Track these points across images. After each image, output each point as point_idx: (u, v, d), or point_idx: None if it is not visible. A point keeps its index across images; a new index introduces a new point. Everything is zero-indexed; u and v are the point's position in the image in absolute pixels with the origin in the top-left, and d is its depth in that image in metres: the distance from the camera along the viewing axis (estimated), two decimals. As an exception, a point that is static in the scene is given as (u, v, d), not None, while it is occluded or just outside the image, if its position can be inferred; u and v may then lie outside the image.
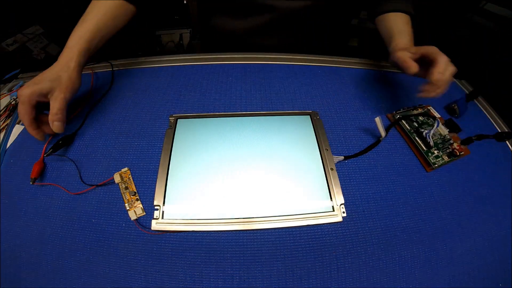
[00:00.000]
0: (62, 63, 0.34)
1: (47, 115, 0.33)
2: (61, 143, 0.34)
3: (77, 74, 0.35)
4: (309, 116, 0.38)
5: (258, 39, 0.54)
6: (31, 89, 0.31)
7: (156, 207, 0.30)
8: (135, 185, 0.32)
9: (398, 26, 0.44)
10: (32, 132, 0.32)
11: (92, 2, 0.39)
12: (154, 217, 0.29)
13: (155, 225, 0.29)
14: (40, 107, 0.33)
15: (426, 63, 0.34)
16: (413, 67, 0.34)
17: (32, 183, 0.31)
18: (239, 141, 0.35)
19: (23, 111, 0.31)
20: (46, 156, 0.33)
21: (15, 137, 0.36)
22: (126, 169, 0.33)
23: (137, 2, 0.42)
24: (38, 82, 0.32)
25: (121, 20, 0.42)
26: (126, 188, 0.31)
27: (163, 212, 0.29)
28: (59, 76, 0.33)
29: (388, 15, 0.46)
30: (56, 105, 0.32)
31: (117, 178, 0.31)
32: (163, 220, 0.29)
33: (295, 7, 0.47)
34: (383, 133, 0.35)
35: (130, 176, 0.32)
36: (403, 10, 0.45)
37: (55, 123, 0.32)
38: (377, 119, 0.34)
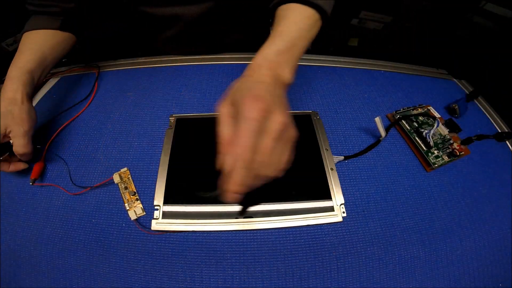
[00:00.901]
0: (7, 98, 0.31)
1: (8, 155, 0.31)
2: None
3: (28, 105, 0.32)
4: (309, 116, 0.38)
5: (188, 45, 0.50)
6: None
7: (156, 207, 0.30)
8: (134, 185, 0.32)
9: (280, 25, 0.30)
10: (6, 170, 0.31)
11: (25, 34, 0.37)
12: (154, 217, 0.29)
13: (155, 225, 0.29)
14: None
15: None
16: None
17: (32, 184, 0.31)
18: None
19: None
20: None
21: (15, 137, 0.36)
22: (125, 169, 0.33)
23: (73, 29, 0.40)
24: None
25: (61, 49, 0.39)
26: (126, 188, 0.31)
27: (163, 212, 0.29)
28: (9, 111, 0.30)
29: (281, 8, 0.32)
30: (20, 142, 0.30)
31: (116, 178, 0.31)
32: (163, 220, 0.29)
33: (200, 11, 0.42)
34: (383, 133, 0.35)
35: (129, 176, 0.32)
36: (306, 1, 0.30)
37: (20, 164, 0.31)
38: (377, 119, 0.34)
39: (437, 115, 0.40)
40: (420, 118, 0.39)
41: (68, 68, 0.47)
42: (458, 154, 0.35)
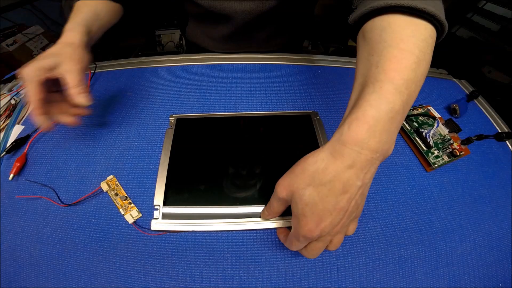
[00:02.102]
0: (63, 42, 0.31)
1: (60, 93, 0.30)
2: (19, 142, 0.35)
3: (82, 50, 0.31)
4: (309, 116, 0.38)
5: (234, 45, 0.51)
6: (35, 64, 0.27)
7: (156, 207, 0.30)
8: (124, 190, 0.31)
9: (382, 55, 0.19)
10: (38, 117, 0.28)
11: (78, 3, 0.37)
12: (154, 217, 0.29)
13: (154, 225, 0.29)
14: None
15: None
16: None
17: (10, 179, 0.32)
18: (239, 141, 0.35)
19: (31, 89, 0.27)
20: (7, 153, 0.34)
21: (15, 137, 0.36)
22: (111, 176, 0.32)
23: (123, 1, 0.41)
24: (42, 58, 0.28)
25: (111, 16, 0.40)
26: (116, 194, 0.31)
27: (162, 212, 0.29)
28: (64, 51, 0.29)
29: (376, 25, 0.21)
30: (73, 76, 0.28)
31: (104, 186, 0.31)
32: (162, 220, 0.29)
33: (259, 10, 0.43)
34: None
35: (117, 182, 0.32)
36: (423, 10, 0.19)
37: (80, 95, 0.28)
38: None
39: (437, 115, 0.40)
40: (420, 118, 0.39)
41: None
42: (458, 154, 0.35)
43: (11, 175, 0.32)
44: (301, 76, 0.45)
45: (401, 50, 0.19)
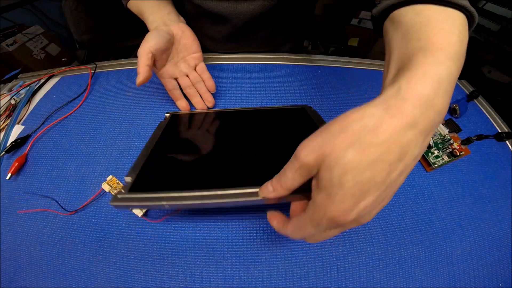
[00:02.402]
0: (158, 21, 0.37)
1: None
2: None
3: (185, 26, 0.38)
4: (303, 109, 0.37)
5: (233, 45, 0.51)
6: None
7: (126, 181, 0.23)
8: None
9: (425, 36, 0.18)
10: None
11: None
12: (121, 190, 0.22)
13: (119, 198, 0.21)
14: None
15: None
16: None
17: (8, 179, 0.32)
18: (231, 132, 0.34)
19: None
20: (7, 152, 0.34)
21: (15, 137, 0.36)
22: (110, 177, 0.32)
23: None
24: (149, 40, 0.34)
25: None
26: None
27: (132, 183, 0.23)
28: (168, 29, 0.36)
29: (409, 14, 0.20)
30: (140, 60, 0.33)
31: (106, 187, 0.31)
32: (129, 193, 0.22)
33: (256, 11, 0.43)
34: None
35: (117, 181, 0.32)
36: (456, 2, 0.19)
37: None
38: None
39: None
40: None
41: (66, 68, 0.47)
42: (458, 154, 0.35)
43: (9, 174, 0.32)
44: (301, 76, 0.45)
45: (441, 29, 0.18)
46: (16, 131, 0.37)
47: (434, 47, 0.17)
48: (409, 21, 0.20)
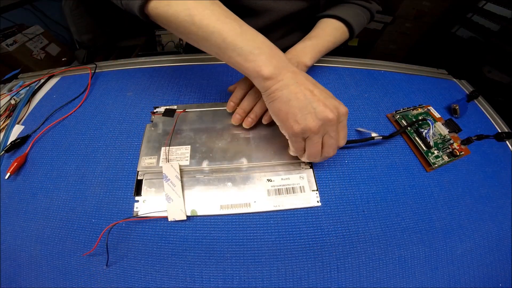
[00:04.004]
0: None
1: None
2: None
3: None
4: None
5: None
6: None
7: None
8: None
9: (314, 31, 0.42)
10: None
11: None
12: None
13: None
14: None
15: None
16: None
17: (7, 178, 0.32)
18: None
19: None
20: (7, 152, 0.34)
21: (15, 137, 0.36)
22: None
23: None
24: None
25: None
26: None
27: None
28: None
29: (321, 20, 0.44)
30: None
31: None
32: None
33: (292, 9, 0.45)
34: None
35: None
36: (338, 16, 0.42)
37: None
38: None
39: (437, 115, 0.40)
40: (420, 118, 0.39)
41: (66, 68, 0.47)
42: (458, 154, 0.35)
43: (8, 174, 0.32)
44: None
45: (322, 28, 0.43)
46: (16, 131, 0.37)
47: (312, 36, 0.41)
48: (318, 25, 0.44)
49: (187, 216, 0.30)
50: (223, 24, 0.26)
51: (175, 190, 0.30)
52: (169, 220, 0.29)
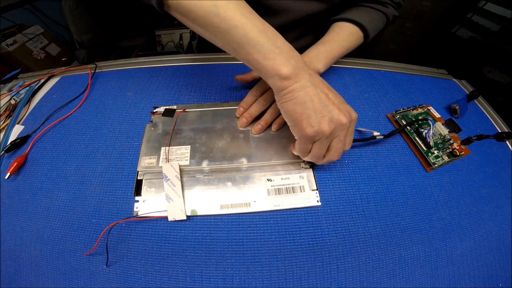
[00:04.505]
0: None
1: None
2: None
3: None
4: None
5: None
6: None
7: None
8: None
9: (329, 35, 0.41)
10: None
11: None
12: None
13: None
14: None
15: None
16: (242, 78, 0.37)
17: (7, 178, 0.32)
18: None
19: None
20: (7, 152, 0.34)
21: (15, 137, 0.36)
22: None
23: None
24: None
25: None
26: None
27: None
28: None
29: (336, 24, 0.43)
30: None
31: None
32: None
33: (310, 10, 0.45)
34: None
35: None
36: (353, 20, 0.42)
37: None
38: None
39: (437, 115, 0.40)
40: (420, 118, 0.39)
41: (66, 68, 0.47)
42: (458, 154, 0.35)
43: (8, 174, 0.32)
44: (301, 76, 0.45)
45: (337, 32, 0.42)
46: (16, 131, 0.37)
47: (326, 40, 0.41)
48: (332, 28, 0.43)
49: (187, 216, 0.30)
50: (247, 19, 0.25)
51: (175, 190, 0.30)
52: (169, 220, 0.29)
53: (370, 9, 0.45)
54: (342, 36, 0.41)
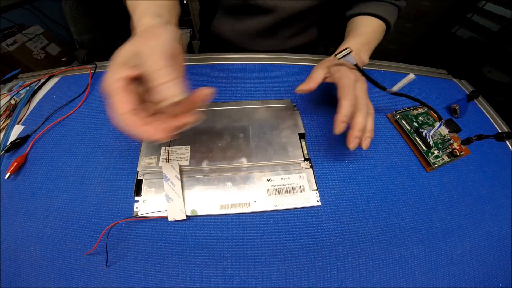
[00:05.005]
0: (136, 34, 0.24)
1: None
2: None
3: (170, 28, 0.24)
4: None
5: (259, 41, 0.53)
6: (113, 65, 0.22)
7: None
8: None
9: (359, 28, 0.41)
10: (143, 130, 0.20)
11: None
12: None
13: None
14: None
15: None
16: (308, 88, 0.33)
17: (7, 178, 0.32)
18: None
19: (117, 101, 0.20)
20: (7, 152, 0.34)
21: (15, 137, 0.36)
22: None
23: None
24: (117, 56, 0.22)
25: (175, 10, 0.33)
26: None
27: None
28: (141, 35, 0.23)
29: (356, 18, 0.44)
30: (154, 61, 0.20)
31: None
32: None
33: (299, 8, 0.45)
34: (397, 87, 0.35)
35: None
36: (375, 14, 0.42)
37: (166, 86, 0.19)
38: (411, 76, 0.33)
39: (439, 115, 0.40)
40: (420, 118, 0.39)
41: (66, 68, 0.47)
42: (458, 154, 0.35)
43: (8, 174, 0.32)
44: (302, 76, 0.45)
45: (366, 26, 0.42)
46: (16, 131, 0.37)
47: (359, 33, 0.40)
48: (357, 22, 0.43)
49: (187, 216, 0.30)
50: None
51: (175, 190, 0.30)
52: (169, 220, 0.29)
53: (384, 2, 0.45)
54: (372, 29, 0.42)
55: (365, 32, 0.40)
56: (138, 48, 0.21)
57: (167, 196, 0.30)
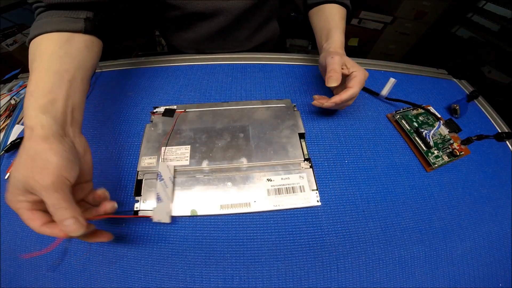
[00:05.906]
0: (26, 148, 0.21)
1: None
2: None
3: (57, 145, 0.21)
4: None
5: (218, 45, 0.50)
6: (10, 187, 0.21)
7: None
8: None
9: (334, 21, 0.41)
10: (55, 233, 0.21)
11: (33, 42, 0.27)
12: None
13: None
14: None
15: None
16: (335, 81, 0.33)
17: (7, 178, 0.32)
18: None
19: (25, 218, 0.21)
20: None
21: (15, 137, 0.36)
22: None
23: (102, 32, 0.33)
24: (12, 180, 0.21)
25: (91, 63, 0.30)
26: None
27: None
28: (28, 156, 0.21)
29: (323, 7, 0.44)
30: (51, 200, 0.20)
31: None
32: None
33: (245, 6, 0.44)
34: (384, 92, 0.39)
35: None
36: (340, 1, 0.43)
37: (65, 222, 0.20)
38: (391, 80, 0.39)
39: (437, 115, 0.40)
40: (420, 118, 0.39)
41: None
42: (458, 154, 0.35)
43: (8, 174, 0.32)
44: (302, 76, 0.46)
45: (337, 16, 0.42)
46: (16, 131, 0.37)
47: (336, 27, 0.40)
48: (328, 12, 0.43)
49: (188, 216, 0.30)
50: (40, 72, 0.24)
51: (166, 191, 0.30)
52: (153, 221, 0.28)
53: None
54: (340, 16, 0.42)
55: (339, 23, 0.42)
56: (29, 183, 0.20)
57: (158, 196, 0.30)
